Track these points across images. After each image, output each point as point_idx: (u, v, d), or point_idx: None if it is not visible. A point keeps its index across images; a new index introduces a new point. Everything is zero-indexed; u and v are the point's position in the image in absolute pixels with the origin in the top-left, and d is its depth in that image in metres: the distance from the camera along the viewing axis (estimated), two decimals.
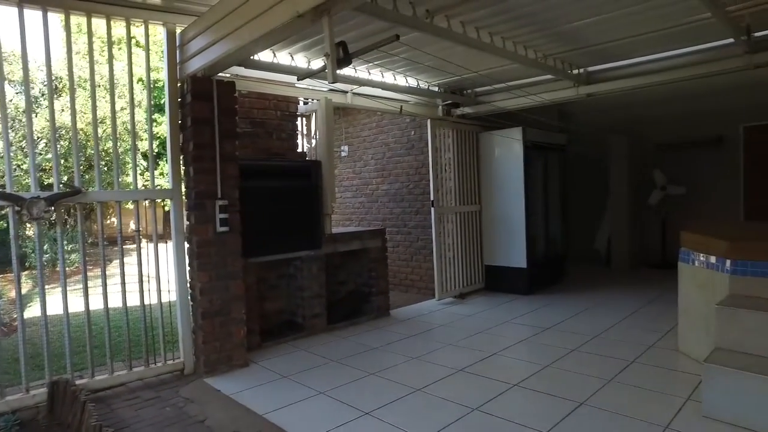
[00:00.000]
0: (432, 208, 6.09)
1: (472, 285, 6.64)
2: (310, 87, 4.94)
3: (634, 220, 8.07)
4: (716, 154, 7.65)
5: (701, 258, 3.70)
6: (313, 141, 5.29)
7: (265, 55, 4.32)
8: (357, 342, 4.69)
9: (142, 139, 11.08)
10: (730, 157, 7.54)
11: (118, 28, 3.72)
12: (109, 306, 3.74)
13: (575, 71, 5.36)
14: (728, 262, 3.38)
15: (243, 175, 4.15)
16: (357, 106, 5.50)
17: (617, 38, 4.39)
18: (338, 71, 3.00)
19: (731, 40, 4.28)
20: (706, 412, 2.90)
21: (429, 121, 6.09)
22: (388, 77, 5.38)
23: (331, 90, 5.13)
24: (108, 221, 14.29)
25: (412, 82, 5.62)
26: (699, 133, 7.74)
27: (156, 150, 12.41)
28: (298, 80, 3.97)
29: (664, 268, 7.64)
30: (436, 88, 6.00)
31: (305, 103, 5.59)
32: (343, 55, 2.81)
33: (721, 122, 7.56)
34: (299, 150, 5.30)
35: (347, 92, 5.27)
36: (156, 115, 10.85)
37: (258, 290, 4.68)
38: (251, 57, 4.05)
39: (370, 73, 5.16)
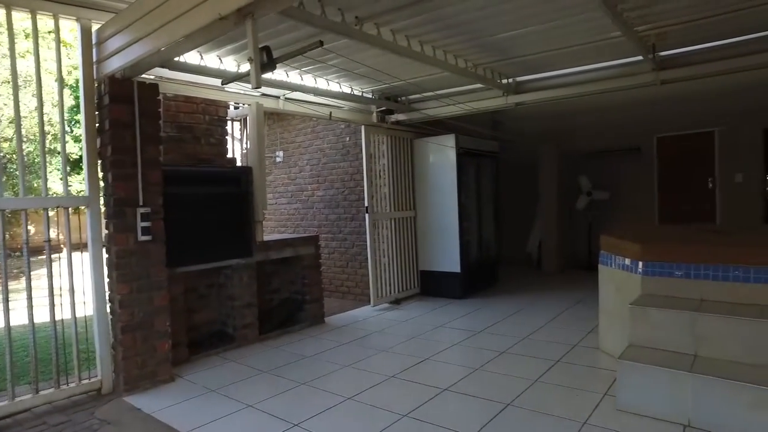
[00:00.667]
0: (366, 215, 6.09)
1: (408, 290, 6.69)
2: (241, 91, 4.81)
3: (563, 224, 8.45)
4: (635, 162, 8.16)
5: (618, 260, 3.91)
6: (244, 146, 5.16)
7: (191, 57, 4.17)
8: (290, 351, 4.60)
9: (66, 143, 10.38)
10: (647, 165, 8.07)
11: (24, 20, 3.46)
12: (11, 323, 3.45)
13: (505, 81, 5.55)
14: (640, 264, 3.60)
15: (168, 182, 3.97)
16: (289, 111, 5.42)
17: (541, 51, 4.58)
18: (265, 76, 2.94)
19: (641, 57, 4.58)
20: (620, 406, 3.06)
21: (363, 128, 6.10)
22: (322, 83, 5.34)
23: (264, 95, 5.03)
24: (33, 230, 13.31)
25: (345, 88, 5.62)
26: (620, 142, 8.23)
27: (77, 154, 11.74)
28: (222, 84, 3.85)
29: (591, 269, 8.00)
30: (370, 95, 6.03)
31: (236, 108, 5.45)
32: (267, 60, 2.75)
33: (638, 133, 8.08)
34: (229, 156, 5.14)
35: (279, 97, 5.18)
36: (78, 116, 10.20)
37: (186, 301, 4.49)
38: (175, 59, 3.90)
39: (302, 78, 5.11)
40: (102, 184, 3.79)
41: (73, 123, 11.90)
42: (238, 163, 5.24)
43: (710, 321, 3.05)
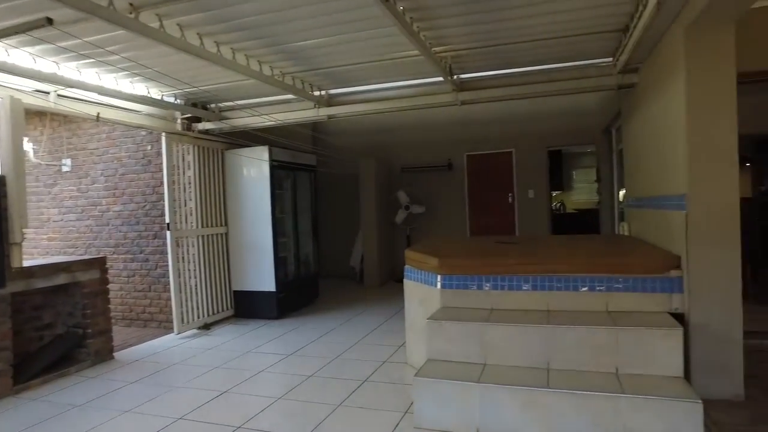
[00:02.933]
0: (168, 232, 5.44)
1: (220, 313, 6.14)
2: None
3: (384, 237, 8.63)
4: (448, 178, 8.71)
5: (420, 274, 3.96)
6: None
7: None
8: (55, 402, 3.77)
9: None
10: (459, 181, 8.67)
11: None
12: None
13: (317, 93, 5.42)
14: (439, 277, 3.66)
15: None
16: (60, 110, 4.56)
17: (345, 64, 4.53)
18: (24, 65, 2.31)
19: (441, 78, 4.80)
20: (417, 423, 3.02)
21: (164, 135, 5.46)
22: (109, 81, 4.62)
23: (36, 90, 4.15)
24: None
25: (141, 89, 4.95)
26: (435, 158, 8.72)
27: None
28: None
29: None
30: (172, 99, 5.43)
31: None
32: None
33: (451, 150, 8.66)
34: None
35: (49, 93, 4.33)
36: None
37: None
38: None
39: (80, 72, 4.35)
40: None
41: None
42: None
43: (495, 330, 3.18)
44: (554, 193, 11.58)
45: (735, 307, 3.11)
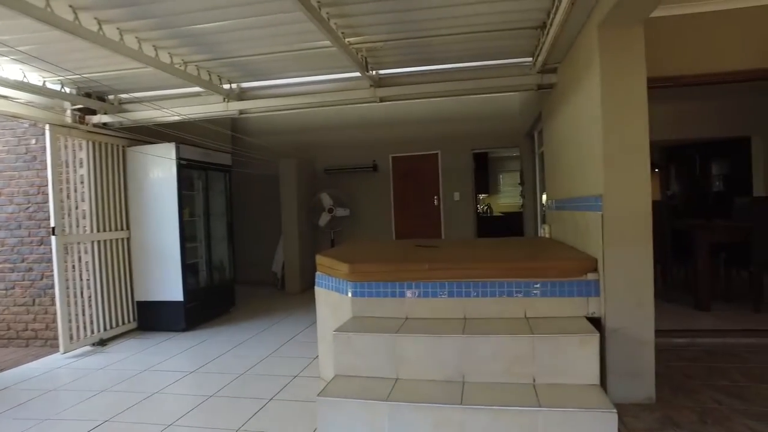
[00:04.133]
0: (53, 237, 4.79)
1: (121, 326, 5.54)
2: None
3: (306, 241, 8.25)
4: (374, 180, 8.48)
5: (331, 281, 3.67)
6: None
7: None
8: None
9: None
10: (384, 182, 8.47)
11: None
12: None
13: (227, 86, 5.00)
14: (349, 285, 3.38)
15: None
16: None
17: (253, 53, 4.17)
18: None
19: (359, 73, 4.54)
20: None
21: (48, 127, 4.82)
22: None
23: None
24: None
25: (15, 73, 4.32)
26: (360, 160, 8.46)
27: None
28: None
29: None
30: (58, 87, 4.81)
31: None
32: None
33: (376, 150, 8.44)
34: None
35: None
36: None
37: None
38: None
39: None
40: None
41: None
42: None
43: (407, 342, 2.94)
44: (481, 197, 11.71)
45: (647, 308, 3.06)
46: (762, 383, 3.27)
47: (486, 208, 11.69)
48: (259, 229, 8.74)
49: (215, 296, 6.28)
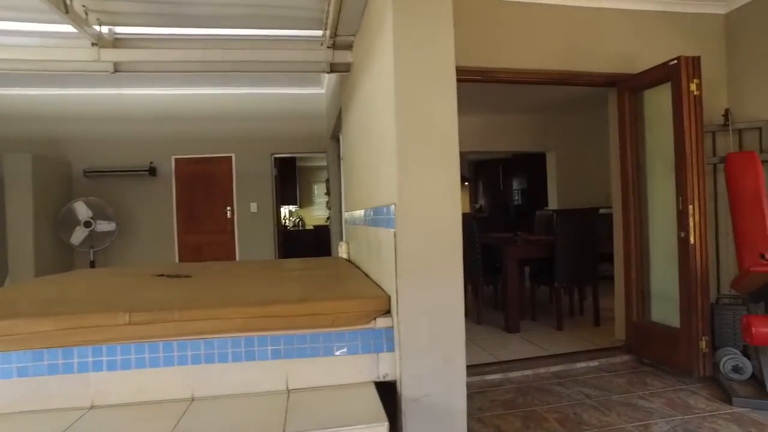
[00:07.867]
0: None
1: None
2: None
3: (52, 264, 6.17)
4: (151, 186, 6.79)
5: None
6: None
7: None
8: None
9: None
10: (165, 189, 6.83)
11: None
12: None
13: None
14: None
15: None
16: None
17: None
18: None
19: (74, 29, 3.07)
20: None
21: None
22: None
23: None
24: None
25: None
26: (133, 161, 6.70)
27: None
28: None
29: None
30: None
31: None
32: None
33: (154, 151, 6.78)
34: None
35: None
36: None
37: None
38: None
39: None
40: None
41: None
42: None
43: None
44: (292, 209, 10.62)
45: (458, 366, 2.16)
46: (580, 425, 2.67)
47: (297, 221, 10.61)
48: None
49: None
